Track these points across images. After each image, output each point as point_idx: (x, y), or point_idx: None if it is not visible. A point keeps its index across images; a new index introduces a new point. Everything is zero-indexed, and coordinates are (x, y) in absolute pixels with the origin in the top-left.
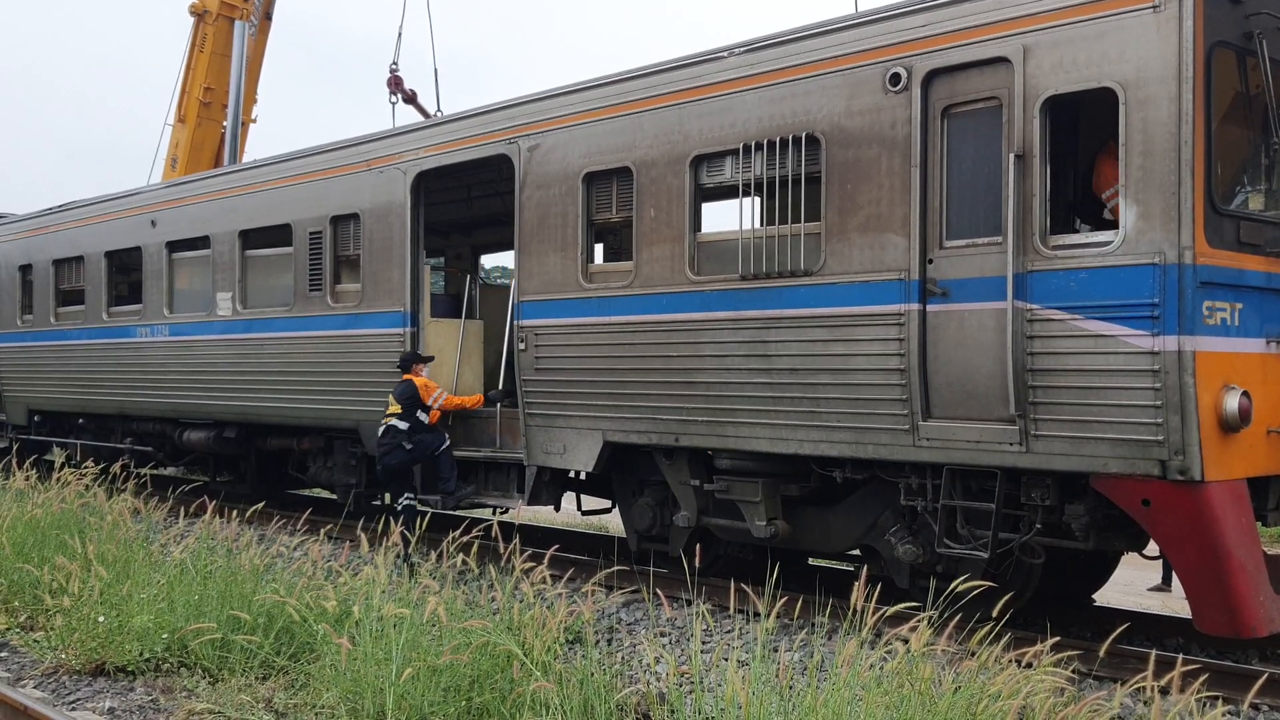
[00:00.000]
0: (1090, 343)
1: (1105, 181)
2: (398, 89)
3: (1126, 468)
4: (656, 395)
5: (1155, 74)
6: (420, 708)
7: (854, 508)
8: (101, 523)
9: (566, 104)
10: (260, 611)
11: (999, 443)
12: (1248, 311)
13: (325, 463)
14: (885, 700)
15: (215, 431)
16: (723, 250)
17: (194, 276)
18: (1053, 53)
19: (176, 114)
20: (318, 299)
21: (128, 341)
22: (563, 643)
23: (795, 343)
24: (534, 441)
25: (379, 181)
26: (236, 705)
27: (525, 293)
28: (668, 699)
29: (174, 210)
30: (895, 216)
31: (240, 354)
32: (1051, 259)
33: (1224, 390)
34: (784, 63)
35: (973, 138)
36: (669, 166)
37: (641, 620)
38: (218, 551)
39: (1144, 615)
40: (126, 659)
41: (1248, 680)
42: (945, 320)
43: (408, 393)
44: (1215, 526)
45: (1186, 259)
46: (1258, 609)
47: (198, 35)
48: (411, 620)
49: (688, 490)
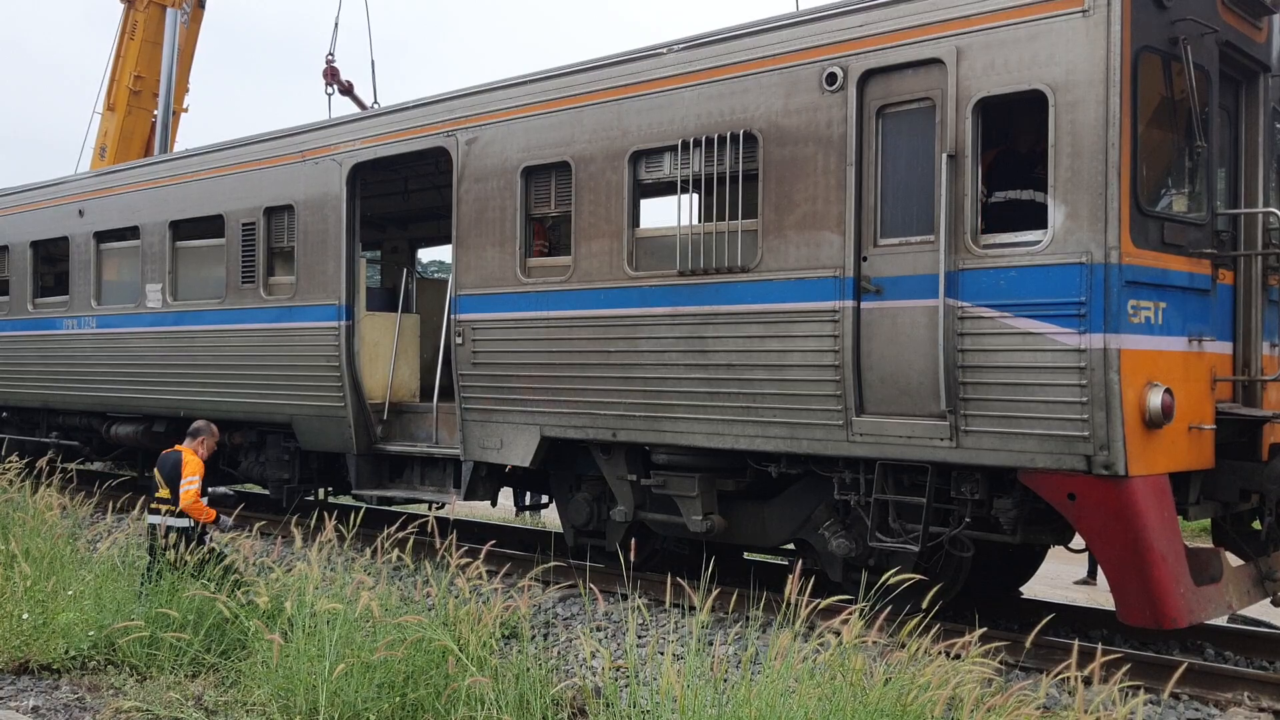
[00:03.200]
0: (1019, 340)
1: None
2: (334, 80)
3: (1053, 463)
4: (594, 390)
5: (1084, 77)
6: (354, 704)
7: (789, 502)
8: (26, 518)
9: (505, 97)
10: (190, 608)
11: (930, 438)
12: (1171, 311)
13: (258, 457)
14: (818, 692)
15: (144, 426)
16: (661, 246)
17: (123, 268)
18: (985, 55)
19: (105, 102)
20: (250, 291)
21: (54, 334)
22: (498, 638)
23: (732, 339)
24: (471, 436)
25: (314, 173)
26: (165, 703)
27: (463, 287)
28: (603, 693)
29: (102, 200)
30: (831, 214)
31: (170, 347)
32: (982, 258)
33: (1148, 387)
34: (722, 60)
35: (906, 137)
36: (608, 162)
37: (578, 615)
38: (146, 547)
39: (1070, 607)
40: (52, 657)
41: (1168, 670)
42: (879, 317)
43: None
44: (1138, 520)
45: (1113, 259)
46: (1179, 601)
47: (128, 22)
48: (345, 616)
49: (625, 485)
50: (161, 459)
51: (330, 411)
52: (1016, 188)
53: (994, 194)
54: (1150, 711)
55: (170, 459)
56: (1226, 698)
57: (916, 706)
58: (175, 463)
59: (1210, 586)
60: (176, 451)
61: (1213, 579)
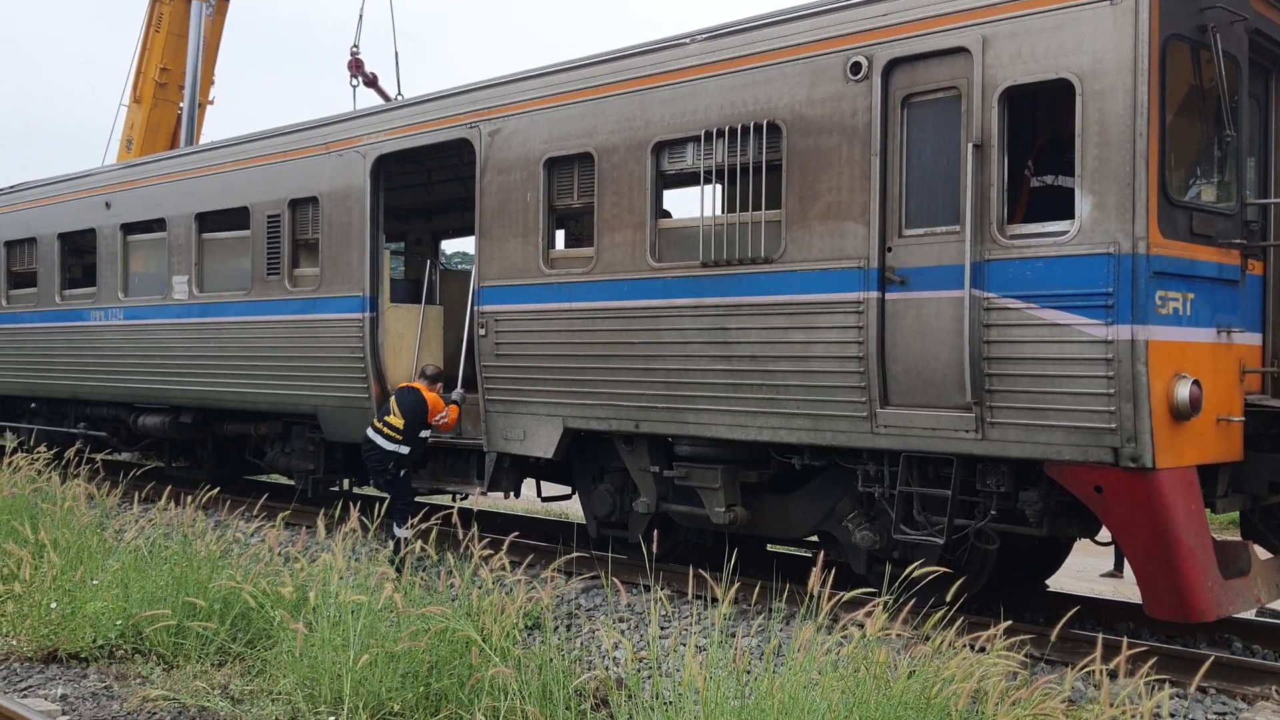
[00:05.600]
0: (1045, 331)
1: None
2: (359, 72)
3: (1080, 455)
4: (617, 382)
5: (1111, 66)
6: (378, 693)
7: (812, 494)
8: (54, 508)
9: (528, 89)
10: (216, 598)
11: (955, 430)
12: (1199, 302)
13: (283, 448)
14: (841, 684)
15: (171, 416)
16: (684, 237)
17: (149, 259)
18: (1011, 43)
19: (132, 95)
20: (275, 283)
21: (81, 325)
22: (521, 628)
23: (755, 330)
24: (494, 428)
25: (338, 165)
26: (192, 692)
27: (486, 278)
28: (626, 684)
29: (129, 192)
30: (855, 205)
31: (196, 338)
32: (1008, 248)
33: (1175, 379)
34: (745, 50)
35: (932, 127)
36: (630, 152)
37: (600, 606)
38: (173, 537)
39: (1096, 600)
40: (80, 645)
41: (1195, 664)
42: (903, 308)
43: (418, 409)
44: (1166, 513)
45: (1140, 249)
46: (1206, 594)
47: (154, 15)
48: (369, 606)
49: (647, 477)
50: (401, 392)
51: (355, 402)
52: (1049, 175)
53: (1036, 178)
54: (1177, 705)
55: (412, 395)
56: (1254, 691)
57: (941, 700)
58: (417, 401)
59: (1238, 580)
60: (416, 389)
61: (1241, 572)
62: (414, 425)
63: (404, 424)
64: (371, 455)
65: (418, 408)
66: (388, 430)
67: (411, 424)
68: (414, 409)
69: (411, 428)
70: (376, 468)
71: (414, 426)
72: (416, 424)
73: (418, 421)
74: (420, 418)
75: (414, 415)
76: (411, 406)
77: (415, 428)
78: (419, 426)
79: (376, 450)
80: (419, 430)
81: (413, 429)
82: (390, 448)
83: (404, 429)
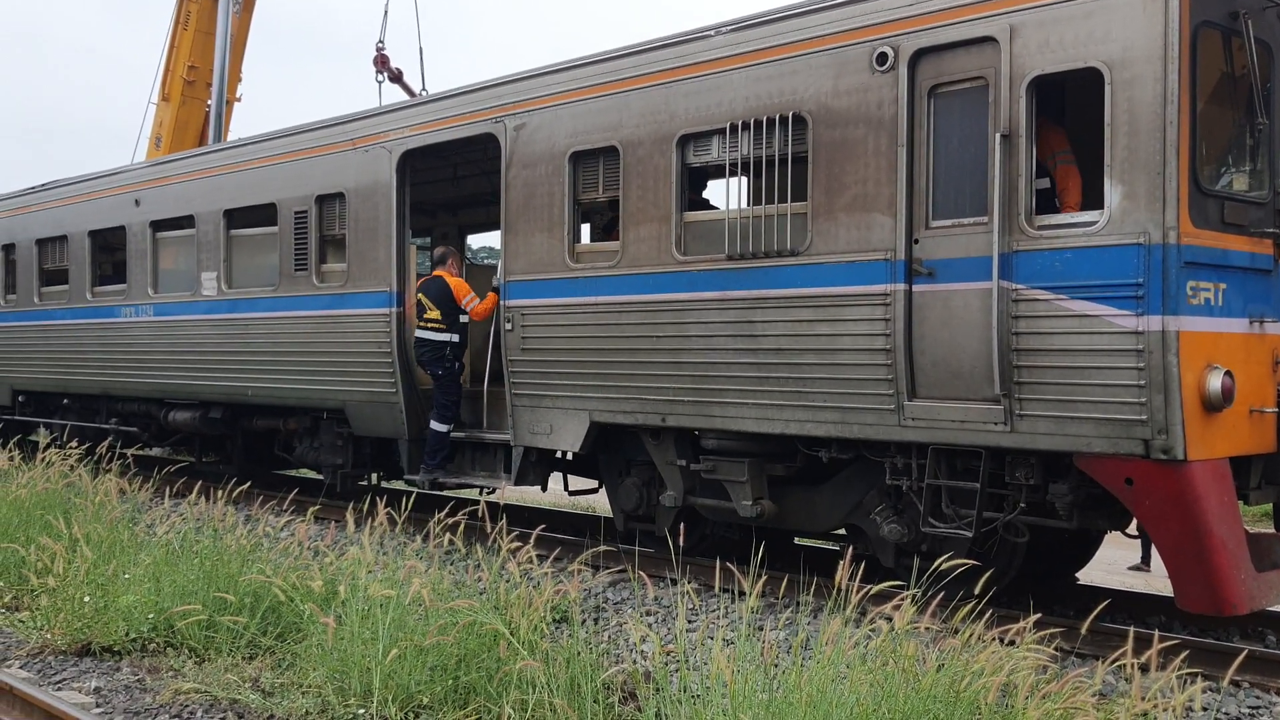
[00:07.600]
0: (1075, 323)
1: (1046, 149)
2: (384, 68)
3: (1110, 447)
4: (643, 375)
5: (1141, 54)
6: (407, 687)
7: (839, 487)
8: (87, 503)
9: (552, 83)
10: (246, 592)
11: (984, 422)
12: (1231, 291)
13: (312, 443)
14: (869, 678)
15: (201, 412)
16: (709, 230)
17: (178, 256)
18: (1039, 32)
19: (160, 92)
20: (303, 279)
21: (112, 321)
22: (549, 622)
23: (781, 323)
24: (520, 422)
25: (364, 160)
26: (223, 685)
27: (511, 273)
28: (653, 677)
29: (158, 189)
30: (881, 196)
31: (225, 334)
32: (1037, 239)
33: (1207, 370)
34: (771, 41)
35: (959, 118)
36: (656, 145)
37: (628, 599)
38: (204, 532)
39: (1127, 594)
40: (112, 639)
41: (1228, 657)
42: (931, 300)
43: (445, 292)
44: (1198, 505)
45: (1171, 239)
46: (1239, 587)
47: (181, 12)
48: (398, 600)
49: (674, 470)
50: (426, 284)
51: (382, 397)
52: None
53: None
54: (1209, 699)
55: (436, 284)
56: None
57: (970, 693)
58: (441, 286)
59: (1272, 572)
60: (438, 277)
61: (1274, 565)
62: (449, 309)
63: (441, 313)
64: (426, 352)
65: (444, 292)
66: (432, 325)
67: (447, 309)
68: (442, 293)
69: (449, 313)
70: (434, 360)
71: (450, 310)
72: (451, 306)
73: (450, 303)
74: (450, 299)
75: (445, 298)
76: (439, 293)
77: (452, 311)
78: (454, 309)
79: (430, 346)
80: (457, 314)
81: (450, 314)
82: (443, 338)
83: (443, 317)
